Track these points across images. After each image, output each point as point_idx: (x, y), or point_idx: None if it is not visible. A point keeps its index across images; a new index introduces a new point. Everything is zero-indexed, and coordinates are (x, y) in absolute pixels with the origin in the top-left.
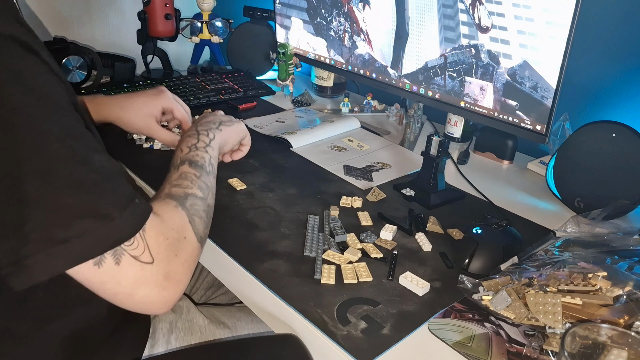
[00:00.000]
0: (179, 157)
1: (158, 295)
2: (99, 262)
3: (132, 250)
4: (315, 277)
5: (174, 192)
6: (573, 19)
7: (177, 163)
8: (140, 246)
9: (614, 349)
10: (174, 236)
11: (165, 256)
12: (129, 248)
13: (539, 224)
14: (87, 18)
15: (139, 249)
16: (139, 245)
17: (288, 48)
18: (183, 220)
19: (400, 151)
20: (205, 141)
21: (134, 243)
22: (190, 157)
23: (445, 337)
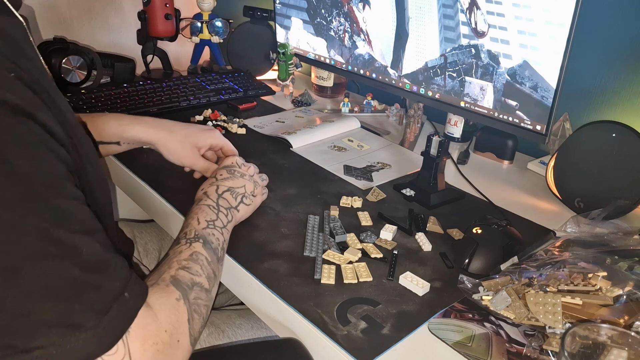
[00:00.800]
0: (194, 230)
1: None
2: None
3: (109, 356)
4: (315, 277)
5: (180, 278)
6: (573, 19)
7: (190, 236)
8: (120, 352)
9: (614, 349)
10: (165, 341)
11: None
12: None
13: (539, 224)
14: (87, 18)
15: (117, 355)
16: (118, 351)
17: (288, 48)
18: (181, 318)
19: (400, 151)
20: (224, 221)
21: (113, 347)
22: (206, 234)
23: (445, 337)
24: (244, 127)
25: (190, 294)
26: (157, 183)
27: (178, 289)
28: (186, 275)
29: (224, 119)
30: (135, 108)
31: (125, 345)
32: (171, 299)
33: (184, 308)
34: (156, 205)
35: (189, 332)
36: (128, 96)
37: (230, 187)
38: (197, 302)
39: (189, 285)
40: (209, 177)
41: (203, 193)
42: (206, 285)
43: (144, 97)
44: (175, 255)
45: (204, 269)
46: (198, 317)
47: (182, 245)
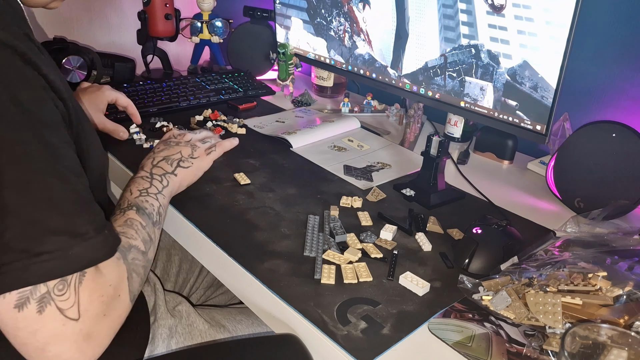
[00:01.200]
0: (127, 200)
1: (72, 356)
2: (20, 306)
3: (60, 300)
4: (315, 277)
5: None
6: (573, 19)
7: (124, 206)
8: (71, 299)
9: (614, 349)
10: (109, 293)
11: (93, 315)
12: (58, 297)
13: (539, 224)
14: (87, 18)
15: (68, 301)
16: (70, 297)
17: (288, 48)
18: (122, 275)
19: (400, 151)
20: (158, 187)
21: (66, 293)
22: (139, 202)
23: (445, 337)
24: (244, 127)
25: (128, 255)
26: None
27: (117, 250)
28: (122, 239)
29: (224, 119)
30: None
31: (76, 292)
32: (113, 259)
33: (123, 267)
34: None
35: (128, 288)
36: (128, 96)
37: (165, 156)
38: (135, 262)
39: (126, 247)
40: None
41: (140, 167)
42: (142, 248)
43: (144, 97)
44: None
45: (139, 233)
46: (136, 276)
47: (116, 215)
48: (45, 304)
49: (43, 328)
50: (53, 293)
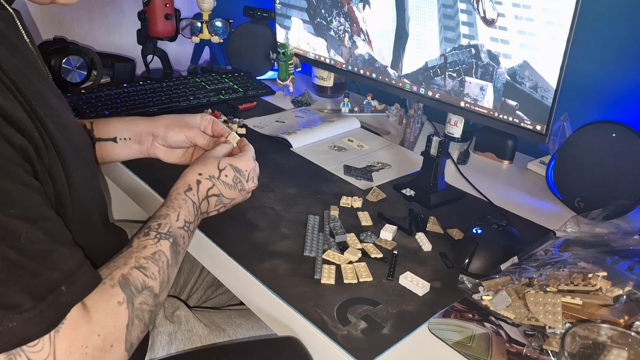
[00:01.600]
0: (169, 225)
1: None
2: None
3: (32, 352)
4: (315, 277)
5: (132, 279)
6: (573, 19)
7: (162, 232)
8: (45, 350)
9: (614, 349)
10: (96, 344)
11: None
12: (30, 349)
13: (539, 224)
14: (87, 18)
15: (41, 353)
16: (43, 348)
17: (288, 48)
18: (119, 323)
19: (400, 151)
20: (194, 225)
21: (38, 345)
22: (178, 235)
23: (445, 337)
24: (244, 127)
25: (137, 298)
26: (157, 183)
27: (123, 291)
28: (139, 277)
29: (224, 119)
30: (135, 108)
31: (52, 344)
32: (112, 303)
33: (125, 313)
34: (156, 206)
35: (125, 337)
36: (128, 96)
37: (221, 195)
38: (142, 307)
39: (139, 288)
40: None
41: (197, 181)
42: (156, 290)
43: (144, 97)
44: (137, 251)
45: (161, 273)
46: (139, 323)
47: (150, 238)
48: (14, 356)
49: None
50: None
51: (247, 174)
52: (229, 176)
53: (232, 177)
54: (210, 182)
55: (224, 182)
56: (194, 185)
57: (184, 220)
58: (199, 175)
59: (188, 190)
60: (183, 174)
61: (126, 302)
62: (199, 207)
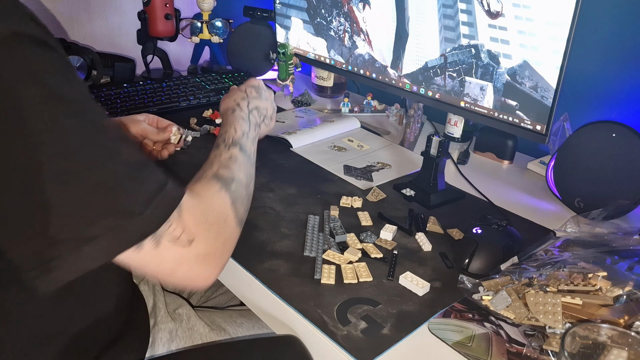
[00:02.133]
0: (232, 137)
1: (200, 272)
2: (137, 247)
3: (170, 232)
4: (315, 277)
5: (221, 174)
6: (573, 19)
7: (229, 142)
8: (179, 228)
9: (614, 349)
10: (214, 217)
11: (204, 237)
12: (167, 231)
13: (539, 224)
14: (87, 18)
15: (177, 230)
16: (177, 227)
17: (288, 48)
18: (225, 203)
19: (400, 151)
20: (253, 134)
21: (172, 225)
22: (242, 142)
23: (445, 337)
24: None
25: (231, 185)
26: None
27: (219, 182)
28: (226, 172)
29: None
30: (135, 108)
31: (182, 220)
32: (213, 190)
33: (226, 195)
34: None
35: (234, 213)
36: (128, 96)
37: (258, 106)
38: (238, 192)
39: (229, 179)
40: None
41: (236, 104)
42: (244, 182)
43: (144, 97)
44: (216, 157)
45: (241, 168)
46: (240, 204)
47: (221, 149)
48: (158, 238)
49: (164, 258)
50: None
51: (260, 85)
52: (252, 92)
53: (254, 91)
54: (245, 100)
55: (252, 97)
56: (236, 107)
57: (242, 131)
58: (234, 101)
59: (234, 111)
60: (221, 107)
61: (224, 188)
62: (249, 119)
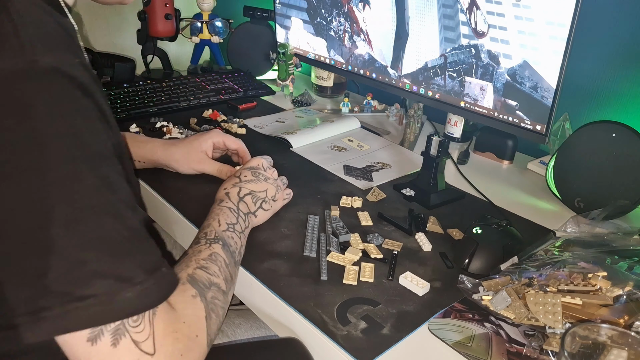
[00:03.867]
0: (214, 231)
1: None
2: (94, 339)
3: (135, 332)
4: (322, 278)
5: (198, 276)
6: (573, 19)
7: (211, 237)
8: (146, 331)
9: (614, 349)
10: (184, 332)
11: (169, 352)
12: (134, 329)
13: (539, 224)
14: (87, 18)
15: (143, 333)
16: (145, 328)
17: (288, 48)
18: (199, 314)
19: (400, 151)
20: (242, 226)
21: (141, 325)
22: (225, 237)
23: (445, 337)
24: (244, 127)
25: (208, 293)
26: (158, 184)
27: (194, 287)
28: (204, 275)
29: (224, 119)
30: (135, 108)
31: (151, 324)
32: (187, 296)
33: (201, 305)
34: (157, 207)
35: (206, 330)
36: (128, 96)
37: (252, 191)
38: (214, 302)
39: (206, 284)
40: (232, 176)
41: (225, 193)
42: (223, 287)
43: (144, 97)
44: (195, 255)
45: (222, 271)
46: (215, 317)
47: (201, 245)
48: (119, 335)
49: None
50: (127, 324)
51: (261, 166)
52: (247, 175)
53: (250, 174)
54: (236, 187)
55: (246, 180)
56: (224, 197)
57: (226, 224)
58: (224, 189)
59: (220, 202)
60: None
61: (199, 296)
62: (238, 209)
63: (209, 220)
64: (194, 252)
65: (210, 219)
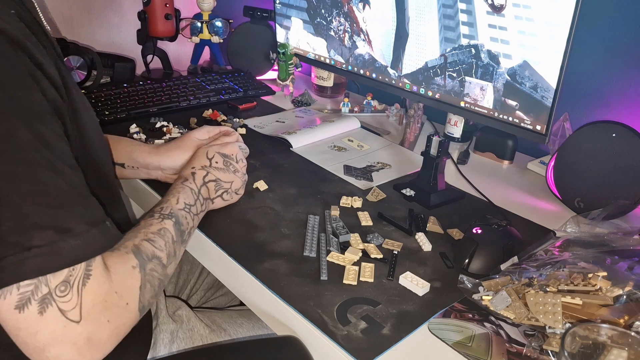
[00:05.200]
0: (170, 207)
1: (72, 358)
2: (21, 307)
3: (62, 301)
4: (322, 278)
5: (142, 248)
6: (573, 19)
7: (165, 212)
8: (74, 300)
9: (614, 349)
10: (114, 301)
11: (95, 318)
12: (60, 298)
13: (539, 224)
14: (87, 18)
15: (70, 302)
16: (72, 298)
17: (288, 48)
18: (134, 284)
19: (400, 151)
20: (198, 209)
21: (68, 294)
22: (180, 215)
23: (445, 337)
24: (244, 127)
25: (148, 264)
26: (158, 184)
27: (137, 258)
28: (149, 247)
29: (224, 119)
30: (135, 108)
31: (79, 294)
32: (127, 266)
33: (138, 276)
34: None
35: (139, 298)
36: (128, 96)
37: (218, 179)
38: (152, 274)
39: (149, 256)
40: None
41: (191, 173)
42: (164, 261)
43: (144, 97)
44: (145, 227)
45: (167, 246)
46: (150, 288)
47: (154, 218)
48: (46, 304)
49: (44, 329)
50: (55, 294)
51: (234, 156)
52: (219, 162)
53: (222, 162)
54: (204, 170)
55: (216, 167)
56: (189, 177)
57: (184, 203)
58: (192, 168)
59: (185, 181)
60: (179, 171)
61: (139, 267)
62: (199, 193)
63: (168, 196)
64: (145, 225)
65: (169, 195)
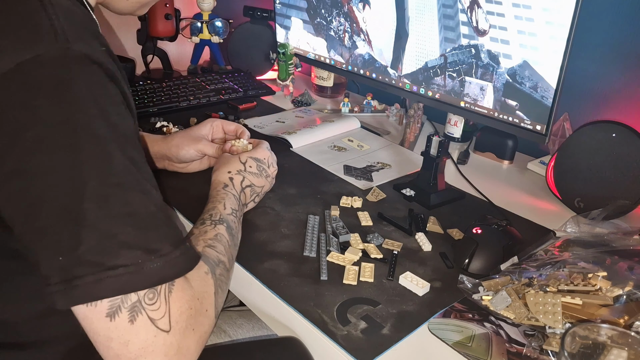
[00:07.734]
0: (220, 213)
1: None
2: (112, 314)
3: (151, 310)
4: (322, 278)
5: (208, 254)
6: (573, 19)
7: (216, 218)
8: (162, 309)
9: (614, 349)
10: (197, 307)
11: (183, 328)
12: (150, 307)
13: (539, 224)
14: None
15: (159, 311)
16: (160, 306)
17: (288, 48)
18: (209, 290)
19: (400, 151)
20: (240, 213)
21: (157, 303)
22: (229, 220)
23: (445, 337)
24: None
25: (217, 269)
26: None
27: (207, 264)
28: (213, 253)
29: None
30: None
31: (167, 302)
32: (202, 272)
33: (211, 281)
34: None
35: (215, 303)
36: None
37: (252, 184)
38: (221, 279)
39: (216, 262)
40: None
41: (229, 178)
42: (227, 265)
43: (144, 97)
44: (201, 235)
45: (227, 251)
46: (221, 292)
47: (207, 225)
48: (136, 312)
49: (134, 339)
50: (144, 302)
51: (267, 161)
52: (253, 167)
53: (255, 167)
54: (240, 175)
55: (250, 172)
56: (228, 182)
57: (231, 208)
58: (229, 173)
59: (225, 187)
60: (213, 176)
61: (210, 273)
62: (239, 199)
63: (214, 203)
64: (200, 232)
65: (215, 201)
